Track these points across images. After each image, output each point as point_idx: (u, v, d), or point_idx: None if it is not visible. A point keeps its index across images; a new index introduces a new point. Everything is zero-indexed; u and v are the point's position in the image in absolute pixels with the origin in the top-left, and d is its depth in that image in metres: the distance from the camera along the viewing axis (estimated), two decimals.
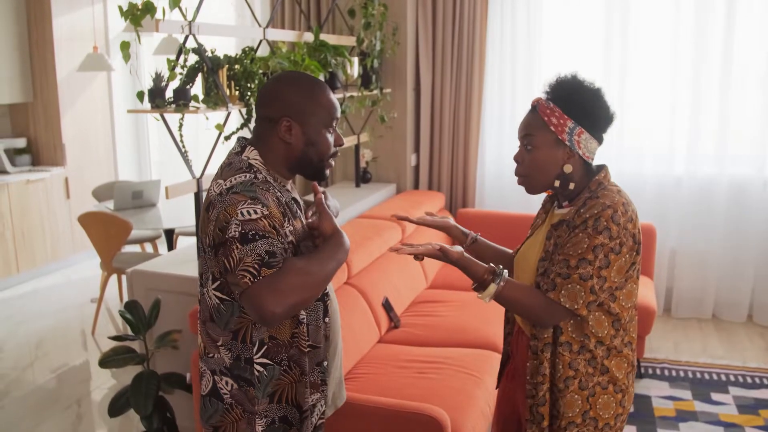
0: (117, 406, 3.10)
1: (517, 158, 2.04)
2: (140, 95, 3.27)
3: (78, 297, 5.92)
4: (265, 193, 1.80)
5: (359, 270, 3.83)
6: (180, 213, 5.26)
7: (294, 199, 1.95)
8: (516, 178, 2.07)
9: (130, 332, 3.18)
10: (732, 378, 4.33)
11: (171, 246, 5.38)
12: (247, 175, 1.84)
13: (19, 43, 6.37)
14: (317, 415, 2.04)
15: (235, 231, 1.73)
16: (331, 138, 1.94)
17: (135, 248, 6.45)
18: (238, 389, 1.93)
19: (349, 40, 4.93)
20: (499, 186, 5.60)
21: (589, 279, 1.87)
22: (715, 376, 4.35)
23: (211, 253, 1.80)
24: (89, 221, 4.94)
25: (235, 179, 1.82)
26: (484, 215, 5.20)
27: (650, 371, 4.41)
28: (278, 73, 1.94)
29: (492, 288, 1.94)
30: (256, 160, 1.89)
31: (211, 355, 1.96)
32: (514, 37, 5.42)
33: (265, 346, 1.90)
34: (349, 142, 5.04)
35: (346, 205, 4.68)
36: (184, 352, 3.26)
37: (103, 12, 6.85)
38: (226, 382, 1.94)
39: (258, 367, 1.90)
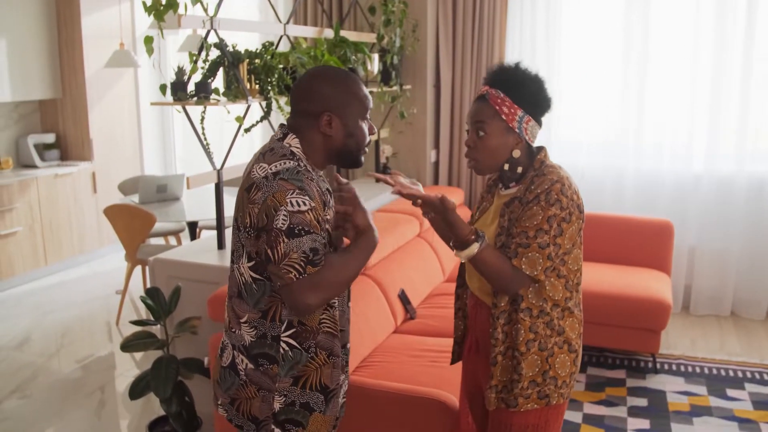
0: (137, 390, 3.19)
1: (468, 143, 2.17)
2: (163, 88, 3.36)
3: (103, 289, 6.05)
4: (310, 182, 1.86)
5: (376, 262, 3.90)
6: (203, 206, 5.35)
7: (328, 189, 2.00)
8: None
9: (151, 319, 3.28)
10: (749, 375, 4.33)
11: (194, 238, 5.48)
12: (292, 161, 1.88)
13: (48, 41, 6.51)
14: (342, 395, 2.12)
15: (282, 223, 1.78)
16: (366, 127, 2.01)
17: (159, 241, 6.57)
18: (254, 369, 1.97)
19: (370, 37, 5.00)
20: None
21: (546, 247, 2.04)
22: (731, 373, 4.35)
23: (251, 234, 1.85)
24: (114, 213, 5.05)
25: (281, 164, 1.86)
26: None
27: (666, 367, 4.42)
28: (312, 69, 2.02)
29: (474, 248, 2.04)
30: (297, 148, 1.94)
31: (233, 330, 2.01)
32: (533, 33, 5.46)
33: (294, 329, 1.94)
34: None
35: (365, 200, 4.71)
36: (203, 337, 3.34)
37: (130, 10, 6.99)
38: (242, 360, 1.99)
39: (284, 346, 1.94)
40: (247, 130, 3.58)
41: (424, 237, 4.58)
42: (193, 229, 5.43)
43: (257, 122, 3.61)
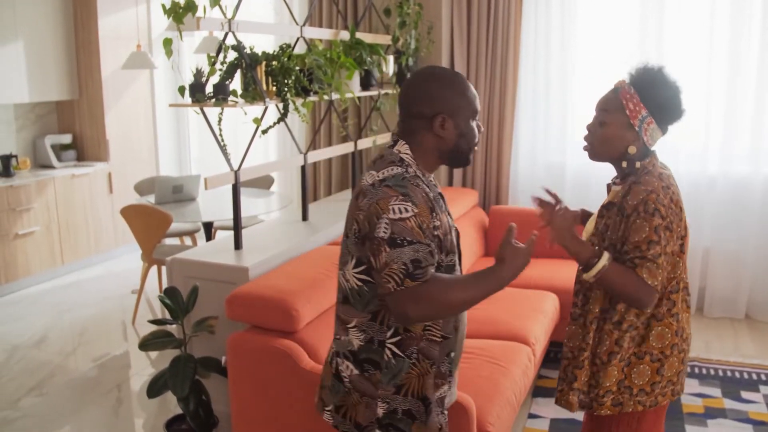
0: (155, 388, 3.22)
1: (589, 127, 2.28)
2: (182, 90, 3.39)
3: (119, 288, 6.10)
4: (415, 188, 1.88)
5: None
6: (219, 207, 5.39)
7: (440, 194, 2.04)
8: (581, 151, 2.38)
9: (169, 318, 3.31)
10: (763, 377, 4.32)
11: (209, 239, 5.52)
12: (399, 168, 1.92)
13: (66, 42, 6.58)
14: (446, 405, 2.11)
15: (384, 232, 1.81)
16: (475, 127, 2.04)
17: (174, 241, 6.61)
18: (359, 375, 2.00)
19: (385, 39, 5.02)
20: (532, 183, 5.64)
21: (659, 257, 2.07)
22: (746, 375, 4.34)
23: (357, 240, 1.90)
24: (131, 214, 5.10)
25: (388, 171, 1.91)
26: (518, 212, 5.24)
27: None
28: (420, 71, 2.02)
29: (594, 270, 2.09)
30: (406, 154, 1.97)
31: (338, 337, 2.05)
32: (548, 36, 5.46)
33: (399, 337, 1.96)
34: (384, 139, 5.13)
35: None
36: (220, 337, 3.37)
37: (146, 12, 7.04)
38: (347, 366, 2.02)
39: (388, 353, 1.97)
40: (264, 132, 3.61)
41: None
42: (209, 229, 5.47)
43: (275, 123, 3.65)
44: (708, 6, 5.06)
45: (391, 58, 4.98)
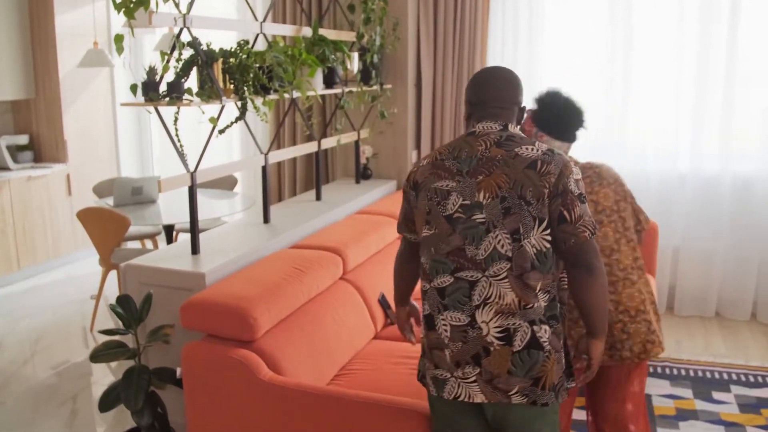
0: (108, 401, 3.07)
1: None
2: (133, 88, 3.25)
3: (78, 293, 5.92)
4: None
5: (355, 266, 3.80)
6: (180, 209, 5.24)
7: None
8: None
9: (122, 328, 3.16)
10: (734, 377, 4.27)
11: (171, 242, 5.36)
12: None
13: (21, 39, 6.36)
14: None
15: (575, 188, 2.10)
16: None
17: (136, 244, 6.44)
18: (552, 333, 2.13)
19: (349, 36, 4.90)
20: None
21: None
22: (717, 375, 4.29)
23: (544, 201, 2.07)
24: (88, 217, 4.92)
25: (540, 145, 2.15)
26: None
27: (650, 369, 4.35)
28: (498, 67, 2.28)
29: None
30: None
31: (529, 306, 2.09)
32: (516, 32, 5.38)
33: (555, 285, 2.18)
34: (348, 138, 5.01)
35: (345, 201, 4.65)
36: (177, 346, 3.24)
37: (105, 8, 6.84)
38: (545, 330, 2.11)
39: (558, 305, 2.18)
40: (221, 132, 3.48)
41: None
42: (170, 232, 5.31)
43: (232, 123, 3.50)
44: (677, 6, 5.01)
45: (355, 56, 4.86)
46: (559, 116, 2.63)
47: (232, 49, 3.49)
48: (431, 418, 2.40)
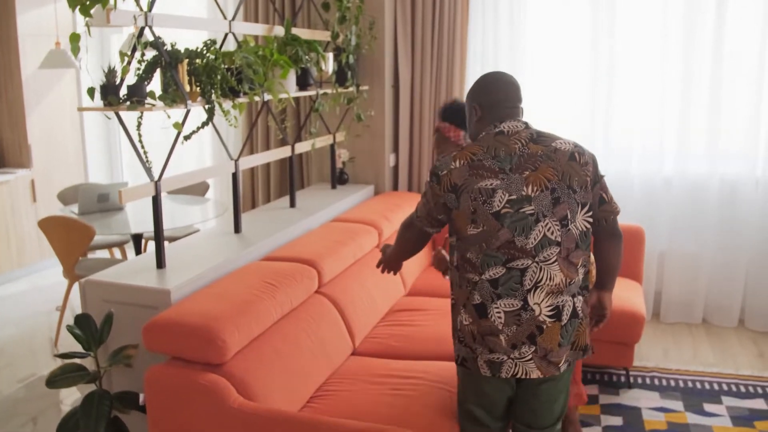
0: (67, 428, 2.86)
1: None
2: (90, 91, 3.02)
3: (44, 304, 5.67)
4: None
5: (331, 278, 3.60)
6: (149, 216, 5.00)
7: None
8: None
9: (80, 351, 2.94)
10: (725, 387, 4.13)
11: (139, 251, 5.13)
12: None
13: None
14: None
15: (603, 172, 2.53)
16: None
17: (104, 254, 6.19)
18: (583, 301, 2.42)
19: (324, 35, 4.70)
20: None
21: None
22: (707, 385, 4.15)
23: (587, 188, 2.36)
24: (50, 226, 4.68)
25: (567, 139, 2.41)
26: None
27: (639, 380, 4.20)
28: (501, 71, 2.52)
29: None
30: None
31: (572, 281, 2.35)
32: (496, 31, 5.21)
33: None
34: (323, 141, 4.81)
35: (321, 208, 4.45)
36: (142, 368, 3.02)
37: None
38: (579, 299, 2.40)
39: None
40: (187, 138, 3.26)
41: None
42: (139, 241, 5.08)
43: (198, 128, 3.29)
44: (661, 5, 4.88)
45: (330, 56, 4.66)
46: (457, 110, 3.06)
47: (197, 50, 3.28)
48: (464, 398, 2.58)
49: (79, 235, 4.56)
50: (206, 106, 3.27)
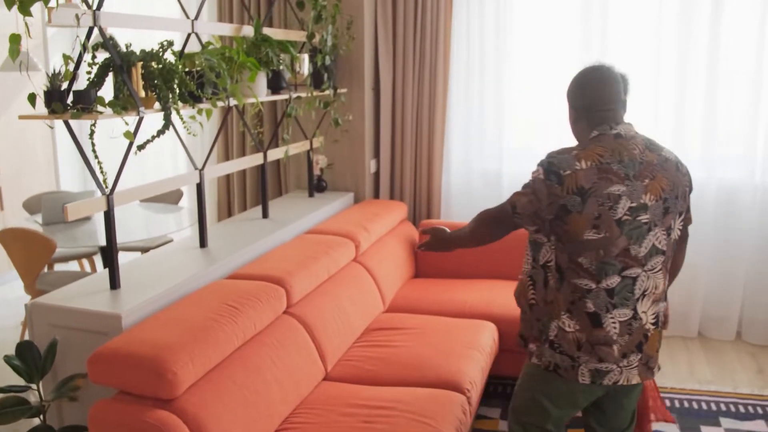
0: None
1: None
2: (31, 98, 2.76)
3: (12, 318, 5.40)
4: None
5: (301, 297, 3.34)
6: (120, 227, 4.75)
7: None
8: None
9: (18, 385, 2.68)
10: (723, 407, 3.90)
11: (107, 265, 4.86)
12: None
13: None
14: None
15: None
16: None
17: (73, 266, 5.92)
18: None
19: (299, 35, 4.45)
20: (466, 194, 5.14)
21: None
22: (704, 405, 3.91)
23: (686, 198, 2.38)
24: (8, 238, 4.40)
25: (667, 148, 2.42)
26: (451, 227, 4.69)
27: None
28: (601, 64, 2.46)
29: None
30: None
31: (666, 288, 2.42)
32: (481, 31, 4.96)
33: None
34: (299, 148, 4.56)
35: (295, 218, 4.20)
36: (90, 401, 2.77)
37: (38, 7, 6.29)
38: (665, 305, 2.49)
39: None
40: (140, 148, 3.01)
41: (360, 261, 4.05)
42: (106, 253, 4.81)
43: (153, 137, 3.03)
44: (655, 4, 4.64)
45: (305, 57, 4.41)
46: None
47: (155, 51, 3.02)
48: (549, 404, 2.48)
49: (39, 249, 4.29)
50: (163, 113, 3.01)
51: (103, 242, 4.53)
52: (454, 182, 5.17)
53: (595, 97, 2.37)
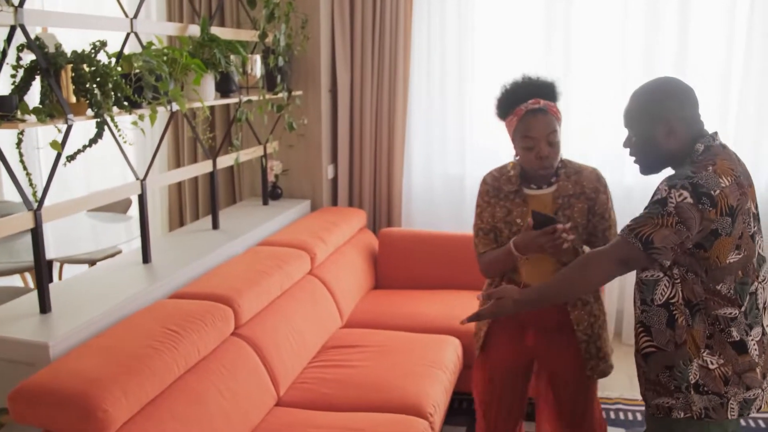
0: None
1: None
2: None
3: None
4: None
5: (251, 316, 3.11)
6: (65, 238, 4.52)
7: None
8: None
9: None
10: None
11: (50, 279, 4.59)
12: None
13: None
14: None
15: None
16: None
17: (15, 281, 5.60)
18: None
19: (251, 35, 4.22)
20: (428, 199, 4.95)
21: None
22: None
23: None
24: None
25: None
26: (411, 236, 4.54)
27: (603, 414, 3.80)
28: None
29: None
30: None
31: None
32: (443, 30, 4.78)
33: None
34: (252, 154, 4.33)
35: (248, 229, 3.97)
36: None
37: None
38: None
39: None
40: (70, 158, 2.75)
41: (316, 274, 3.83)
42: (48, 268, 4.53)
43: (85, 147, 2.78)
44: (621, 5, 4.51)
45: (257, 58, 4.18)
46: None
47: (87, 52, 2.77)
48: None
49: None
50: (95, 120, 2.76)
51: (46, 255, 4.25)
52: (415, 187, 4.98)
53: (692, 105, 2.17)
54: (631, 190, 4.64)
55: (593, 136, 4.69)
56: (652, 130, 2.17)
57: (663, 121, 2.14)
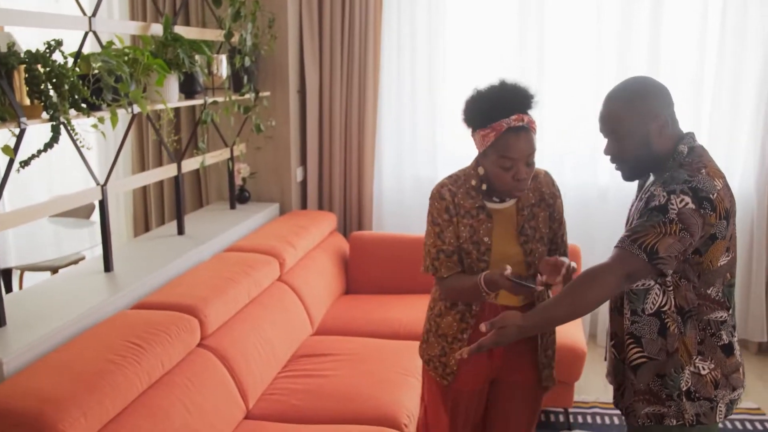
0: None
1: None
2: None
3: None
4: None
5: (217, 326, 3.00)
6: (26, 246, 4.37)
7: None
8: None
9: None
10: None
11: (9, 288, 4.44)
12: None
13: None
14: None
15: None
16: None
17: None
18: None
19: (217, 34, 4.10)
20: (398, 202, 4.87)
21: None
22: None
23: None
24: None
25: None
26: (382, 239, 4.45)
27: (579, 419, 3.76)
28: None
29: None
30: None
31: None
32: (413, 28, 4.71)
33: None
34: (218, 157, 4.21)
35: (215, 234, 3.85)
36: None
37: None
38: None
39: None
40: (24, 164, 2.62)
41: (285, 280, 3.72)
42: (7, 277, 4.39)
43: (39, 152, 2.64)
44: (594, 7, 4.48)
45: (223, 58, 4.06)
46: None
47: (41, 52, 2.64)
48: None
49: None
50: (50, 124, 2.63)
51: (4, 264, 4.11)
52: (386, 190, 4.90)
53: (671, 104, 2.11)
54: (606, 190, 4.60)
55: (567, 137, 4.64)
56: (645, 128, 2.05)
57: (655, 118, 2.04)
